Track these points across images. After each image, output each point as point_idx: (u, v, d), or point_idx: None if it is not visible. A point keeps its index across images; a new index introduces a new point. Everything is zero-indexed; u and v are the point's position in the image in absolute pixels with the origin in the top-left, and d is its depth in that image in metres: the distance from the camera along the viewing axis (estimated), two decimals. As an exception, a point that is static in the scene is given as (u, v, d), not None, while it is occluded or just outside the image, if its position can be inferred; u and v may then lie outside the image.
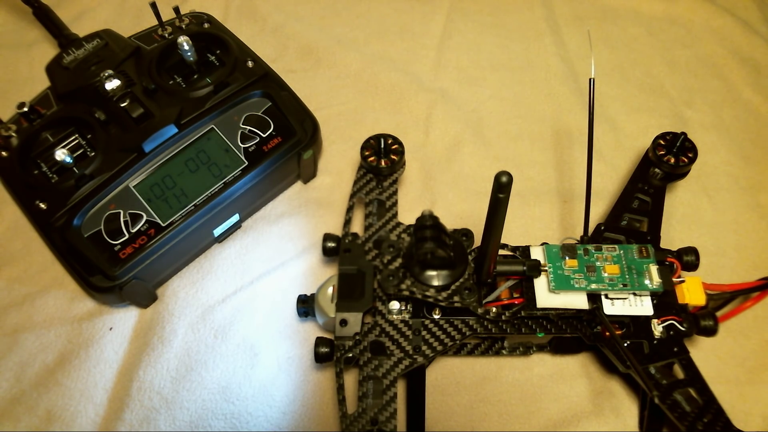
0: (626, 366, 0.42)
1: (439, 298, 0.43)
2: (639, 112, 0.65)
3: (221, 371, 0.49)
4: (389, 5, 0.73)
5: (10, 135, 0.52)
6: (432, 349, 0.44)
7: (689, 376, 0.42)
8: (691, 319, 0.44)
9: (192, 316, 0.52)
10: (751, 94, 0.66)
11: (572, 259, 0.43)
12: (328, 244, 0.48)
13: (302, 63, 0.67)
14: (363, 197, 0.51)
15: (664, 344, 0.43)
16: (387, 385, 0.43)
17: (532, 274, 0.43)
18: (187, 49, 0.53)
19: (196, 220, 0.50)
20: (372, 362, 0.43)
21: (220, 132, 0.52)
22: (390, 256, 0.44)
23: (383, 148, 0.51)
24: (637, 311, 0.43)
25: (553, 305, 0.43)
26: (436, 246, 0.39)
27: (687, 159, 0.50)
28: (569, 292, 0.43)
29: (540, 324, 0.44)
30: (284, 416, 0.47)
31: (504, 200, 0.34)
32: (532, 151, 0.61)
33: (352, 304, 0.44)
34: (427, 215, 0.39)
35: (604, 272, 0.43)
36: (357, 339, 0.44)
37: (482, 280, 0.43)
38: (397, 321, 0.45)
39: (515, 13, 0.73)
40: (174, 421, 0.47)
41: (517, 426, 0.47)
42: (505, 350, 0.49)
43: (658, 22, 0.72)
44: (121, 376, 0.49)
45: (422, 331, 0.45)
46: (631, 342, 0.43)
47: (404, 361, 0.43)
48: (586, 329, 0.44)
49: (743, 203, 0.58)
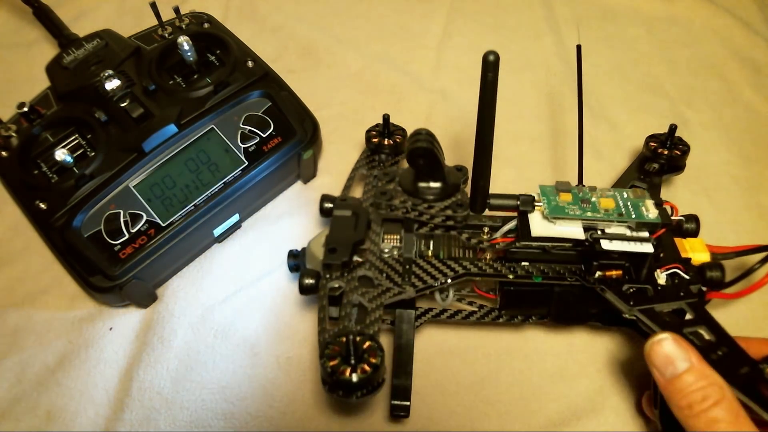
0: (630, 305, 0.40)
1: (431, 212, 0.41)
2: (639, 112, 0.65)
3: (221, 371, 0.49)
4: (389, 5, 0.73)
5: (10, 135, 0.52)
6: (422, 282, 0.42)
7: (699, 316, 0.39)
8: (696, 270, 0.42)
9: (192, 316, 0.52)
10: (751, 94, 0.66)
11: (566, 193, 0.42)
12: (325, 204, 0.46)
13: (302, 63, 0.67)
14: (365, 173, 0.51)
15: (669, 290, 0.41)
16: (372, 309, 0.40)
17: (525, 209, 0.42)
18: (187, 49, 0.53)
19: (196, 220, 0.50)
20: (358, 290, 0.41)
21: (220, 132, 0.52)
22: (385, 180, 0.43)
23: (388, 129, 0.51)
24: (636, 248, 0.41)
25: (549, 235, 0.41)
26: (430, 145, 0.39)
27: (679, 151, 0.50)
28: (564, 221, 0.41)
29: (537, 268, 0.42)
30: (284, 416, 0.47)
31: (493, 81, 0.34)
32: (532, 151, 0.61)
33: (343, 237, 0.42)
34: (422, 129, 0.39)
35: (600, 205, 0.42)
36: (344, 270, 0.41)
37: (477, 207, 0.42)
38: (388, 259, 0.43)
39: (515, 13, 0.73)
40: (174, 421, 0.47)
41: (517, 426, 0.47)
42: (502, 318, 0.47)
43: (658, 22, 0.72)
44: (121, 376, 0.49)
45: (413, 267, 0.43)
46: (634, 287, 0.41)
47: (392, 290, 0.41)
48: (586, 274, 0.42)
49: (743, 203, 0.58)
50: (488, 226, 0.45)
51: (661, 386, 0.34)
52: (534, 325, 0.51)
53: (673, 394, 0.34)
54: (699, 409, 0.32)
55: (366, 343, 0.36)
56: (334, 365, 0.35)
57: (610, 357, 0.50)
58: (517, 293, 0.44)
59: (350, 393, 0.35)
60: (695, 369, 0.33)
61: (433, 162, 0.41)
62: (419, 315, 0.47)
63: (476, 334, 0.51)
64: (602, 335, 0.51)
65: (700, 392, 0.33)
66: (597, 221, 0.41)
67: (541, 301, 0.45)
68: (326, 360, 0.35)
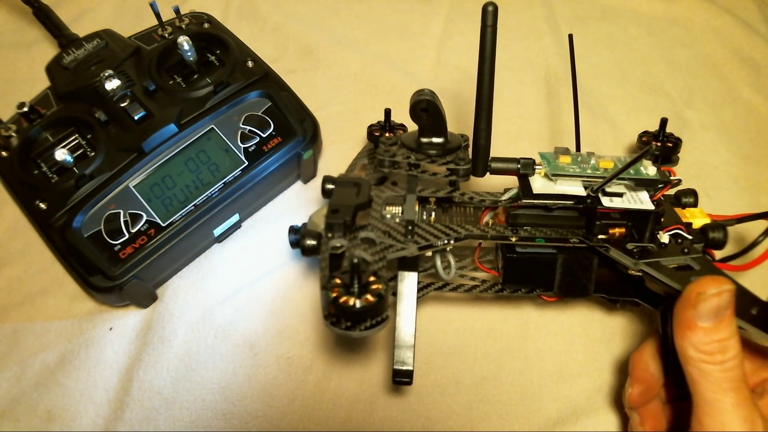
0: (635, 259, 0.39)
1: (434, 167, 0.41)
2: (639, 112, 0.65)
3: (221, 371, 0.49)
4: (389, 5, 0.73)
5: (10, 135, 0.52)
6: (425, 240, 0.41)
7: (706, 268, 0.38)
8: (698, 231, 0.41)
9: (192, 316, 0.52)
10: (751, 94, 0.66)
11: (566, 156, 0.42)
12: (327, 185, 0.45)
13: (302, 63, 0.67)
14: (365, 164, 0.51)
15: (672, 248, 0.40)
16: (375, 261, 0.38)
17: (526, 171, 0.42)
18: (187, 49, 0.53)
19: (196, 220, 0.50)
20: (360, 246, 0.39)
21: (220, 132, 0.52)
22: (389, 142, 0.43)
23: (389, 123, 0.50)
24: (636, 206, 0.40)
25: (550, 192, 0.41)
26: (433, 100, 0.39)
27: (671, 143, 0.50)
28: (565, 179, 0.41)
29: (540, 230, 0.42)
30: (284, 416, 0.47)
31: (492, 32, 0.35)
32: (532, 151, 0.61)
33: (346, 202, 0.41)
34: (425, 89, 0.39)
35: (599, 166, 0.42)
36: (347, 231, 0.40)
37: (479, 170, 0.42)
38: (390, 221, 0.42)
39: (515, 13, 0.73)
40: (174, 421, 0.47)
41: (517, 426, 0.47)
42: (505, 291, 0.45)
43: (658, 22, 0.72)
44: (121, 376, 0.49)
45: (416, 228, 0.42)
46: (638, 246, 0.40)
47: (394, 247, 0.40)
48: (589, 235, 0.41)
49: (743, 203, 0.58)
50: (489, 199, 0.44)
51: (687, 326, 0.34)
52: (534, 322, 0.51)
53: (699, 337, 0.34)
54: (719, 358, 0.33)
55: (370, 277, 0.34)
56: (336, 294, 0.33)
57: (610, 357, 0.50)
58: (520, 261, 0.43)
59: (354, 325, 0.33)
60: (728, 319, 0.34)
61: (436, 116, 0.41)
62: (422, 287, 0.46)
63: (476, 334, 0.51)
64: (602, 335, 0.51)
65: (723, 343, 0.33)
66: (597, 178, 0.41)
67: (544, 270, 0.43)
68: (328, 290, 0.33)
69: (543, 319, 0.52)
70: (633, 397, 0.41)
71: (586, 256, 0.42)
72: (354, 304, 0.32)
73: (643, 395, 0.41)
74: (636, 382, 0.41)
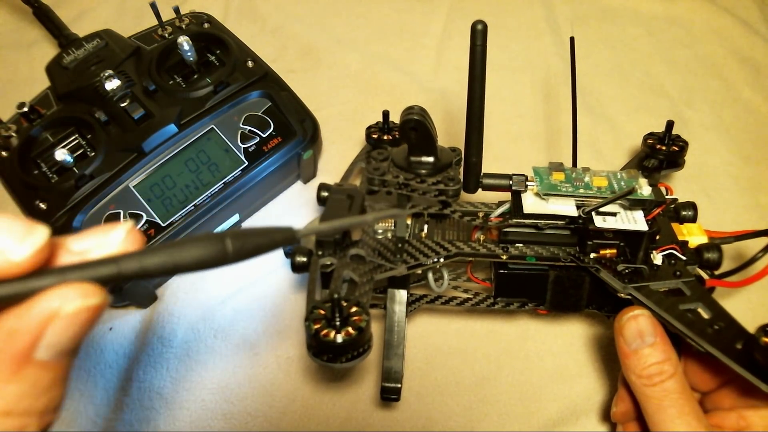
0: (625, 282, 0.39)
1: (423, 187, 0.41)
2: (639, 111, 0.65)
3: (221, 371, 0.49)
4: (389, 5, 0.73)
5: (10, 135, 0.52)
6: (414, 260, 0.41)
7: (696, 294, 0.38)
8: (693, 252, 0.41)
9: (192, 316, 0.51)
10: (751, 94, 0.66)
11: (559, 173, 0.42)
12: (322, 193, 0.45)
13: (302, 63, 0.67)
14: (364, 167, 0.50)
15: (665, 270, 0.40)
16: (362, 282, 0.38)
17: (518, 188, 0.42)
18: (187, 49, 0.53)
19: (196, 220, 0.50)
20: (349, 266, 0.40)
21: (220, 132, 0.52)
22: (379, 158, 0.43)
23: (387, 125, 0.50)
24: (629, 226, 0.40)
25: (541, 212, 0.41)
26: (422, 117, 0.39)
27: (678, 147, 0.50)
28: (557, 198, 0.41)
29: (531, 249, 0.42)
30: (284, 416, 0.47)
31: (482, 50, 0.35)
32: (532, 151, 0.62)
33: (337, 217, 0.42)
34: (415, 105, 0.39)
35: (592, 183, 0.41)
36: (337, 248, 0.40)
37: (470, 187, 0.42)
38: (381, 239, 0.43)
39: (515, 13, 0.73)
40: (174, 421, 0.47)
41: (517, 426, 0.47)
42: (497, 305, 0.45)
43: (658, 22, 0.72)
44: (121, 376, 0.49)
45: (406, 246, 0.42)
46: (629, 267, 0.40)
47: (383, 267, 0.41)
48: (581, 255, 0.41)
49: (743, 203, 0.58)
50: (482, 212, 0.44)
51: (624, 356, 0.38)
52: (534, 323, 0.51)
53: (635, 363, 0.37)
54: (657, 380, 0.36)
55: (352, 308, 0.35)
56: (318, 327, 0.34)
57: (610, 357, 0.50)
58: (511, 277, 0.43)
59: (335, 357, 0.34)
60: (659, 345, 0.37)
61: (425, 135, 0.40)
62: (413, 300, 0.47)
63: (476, 334, 0.51)
64: (602, 336, 0.51)
65: (658, 366, 0.36)
66: (590, 198, 0.41)
67: (536, 286, 0.44)
68: (311, 323, 0.34)
69: (543, 319, 0.52)
70: (617, 415, 0.42)
71: (578, 274, 0.42)
72: (335, 339, 0.33)
73: (625, 415, 0.42)
74: (620, 400, 0.42)
